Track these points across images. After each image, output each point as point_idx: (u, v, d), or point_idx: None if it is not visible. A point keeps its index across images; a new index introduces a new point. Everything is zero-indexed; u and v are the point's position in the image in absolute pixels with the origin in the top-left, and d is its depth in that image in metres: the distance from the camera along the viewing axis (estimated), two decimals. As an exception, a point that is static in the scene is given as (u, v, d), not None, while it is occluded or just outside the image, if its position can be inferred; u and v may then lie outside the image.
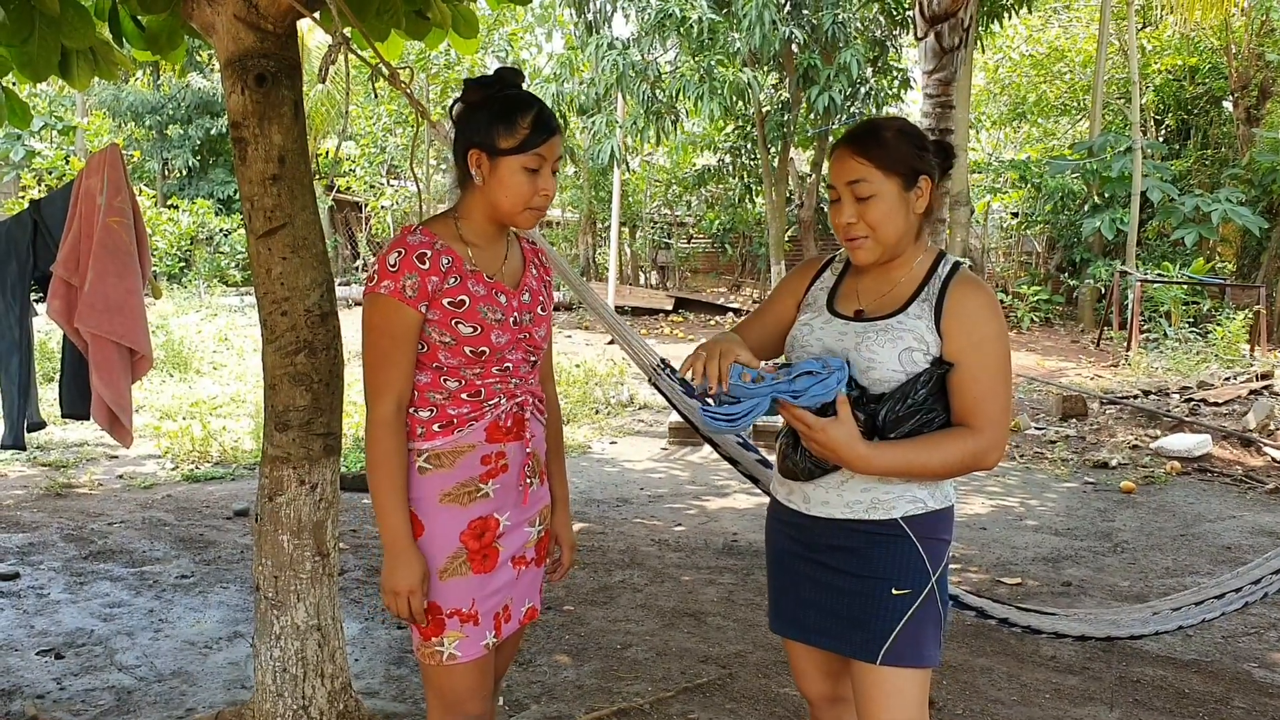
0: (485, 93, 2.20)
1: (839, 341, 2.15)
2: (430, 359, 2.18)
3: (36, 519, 5.91)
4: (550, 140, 2.16)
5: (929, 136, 2.18)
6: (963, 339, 2.07)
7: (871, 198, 2.10)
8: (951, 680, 3.89)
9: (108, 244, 3.43)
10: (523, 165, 2.14)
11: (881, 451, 2.03)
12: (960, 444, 2.05)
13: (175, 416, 9.02)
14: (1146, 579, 5.31)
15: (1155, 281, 14.85)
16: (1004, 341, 2.11)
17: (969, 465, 2.07)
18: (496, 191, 2.16)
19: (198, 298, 16.16)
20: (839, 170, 2.14)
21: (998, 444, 2.07)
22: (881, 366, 2.08)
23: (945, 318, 2.09)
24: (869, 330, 2.13)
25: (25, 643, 4.11)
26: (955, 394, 2.08)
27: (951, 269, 2.16)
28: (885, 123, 2.16)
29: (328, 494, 3.12)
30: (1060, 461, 8.16)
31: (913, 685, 2.12)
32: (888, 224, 2.11)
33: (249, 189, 2.97)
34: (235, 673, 3.86)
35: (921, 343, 2.08)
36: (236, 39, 2.91)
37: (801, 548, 2.23)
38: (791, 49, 16.00)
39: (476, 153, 2.16)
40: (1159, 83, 19.99)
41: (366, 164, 21.66)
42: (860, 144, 2.11)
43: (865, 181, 2.10)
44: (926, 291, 2.13)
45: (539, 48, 23.19)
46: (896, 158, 2.10)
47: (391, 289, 2.12)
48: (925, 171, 2.13)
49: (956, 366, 2.06)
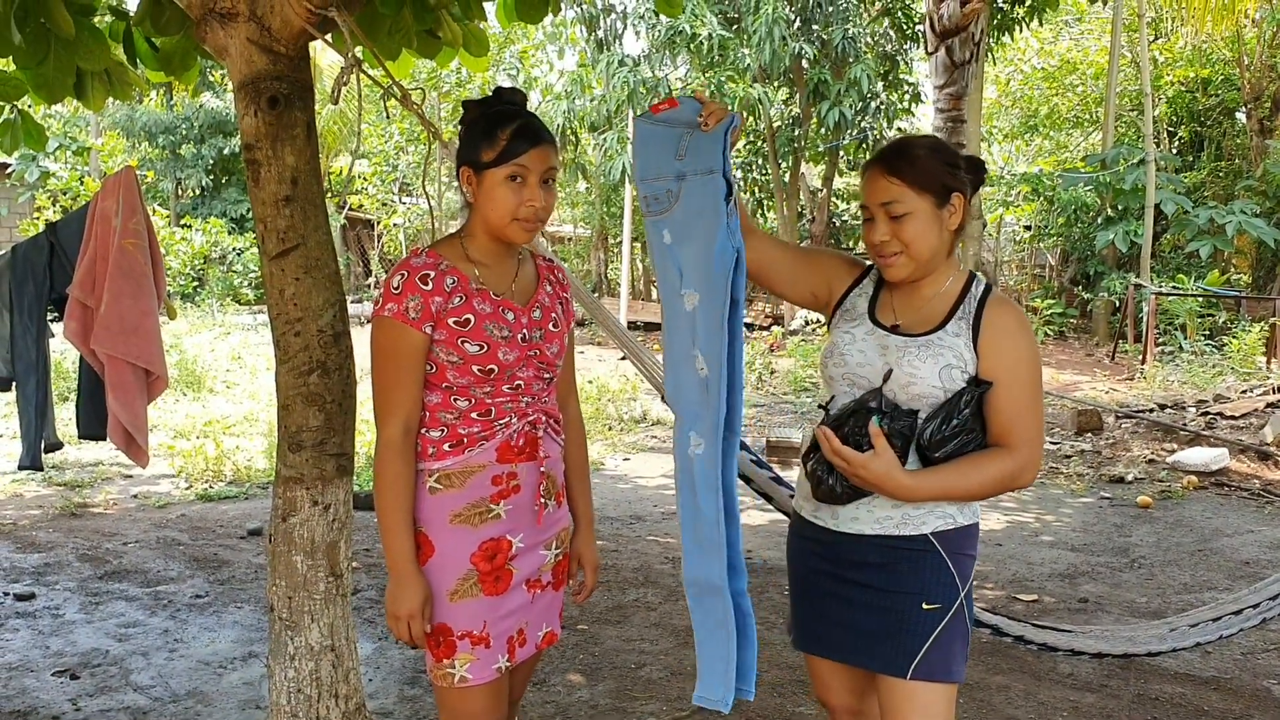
0: (478, 111, 2.22)
1: (881, 355, 2.17)
2: (439, 379, 2.18)
3: (52, 539, 5.93)
4: (532, 150, 2.16)
5: (959, 153, 2.20)
6: (999, 358, 2.10)
7: (905, 215, 2.11)
8: (968, 698, 3.86)
9: (123, 266, 3.45)
10: (505, 176, 2.15)
11: (922, 480, 2.06)
12: (998, 466, 2.07)
13: (189, 436, 9.05)
14: (1164, 595, 5.27)
15: (1170, 294, 14.79)
16: (1037, 362, 2.14)
17: (1006, 486, 2.11)
18: (485, 206, 2.18)
19: (211, 316, 16.22)
20: (872, 190, 2.15)
21: (1033, 462, 2.09)
22: (922, 382, 2.10)
23: (982, 337, 2.11)
24: (910, 345, 2.14)
25: (41, 663, 4.12)
26: (992, 413, 2.09)
27: (985, 289, 2.19)
28: (916, 141, 2.18)
29: (341, 514, 3.12)
30: (1076, 476, 8.12)
31: (941, 700, 2.13)
32: (921, 241, 2.13)
33: (262, 210, 2.98)
34: (250, 693, 3.86)
35: (960, 360, 2.10)
36: (249, 61, 2.92)
37: (828, 564, 2.23)
38: (802, 64, 16.03)
39: (466, 169, 2.20)
40: (1171, 94, 19.95)
41: (379, 182, 21.76)
42: (892, 164, 2.13)
43: (898, 201, 2.11)
44: (963, 310, 2.15)
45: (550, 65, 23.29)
46: (929, 176, 2.11)
47: (395, 311, 2.14)
48: (957, 188, 2.15)
49: (994, 385, 2.08)
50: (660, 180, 2.25)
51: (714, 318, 2.18)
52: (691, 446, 2.23)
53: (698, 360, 2.20)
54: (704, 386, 2.20)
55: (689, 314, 2.21)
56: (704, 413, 2.21)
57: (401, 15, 3.48)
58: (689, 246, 2.22)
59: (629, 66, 16.12)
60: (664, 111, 2.26)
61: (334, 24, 2.95)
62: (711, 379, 2.19)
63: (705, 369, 2.20)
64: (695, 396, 2.22)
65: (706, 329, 2.20)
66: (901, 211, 2.11)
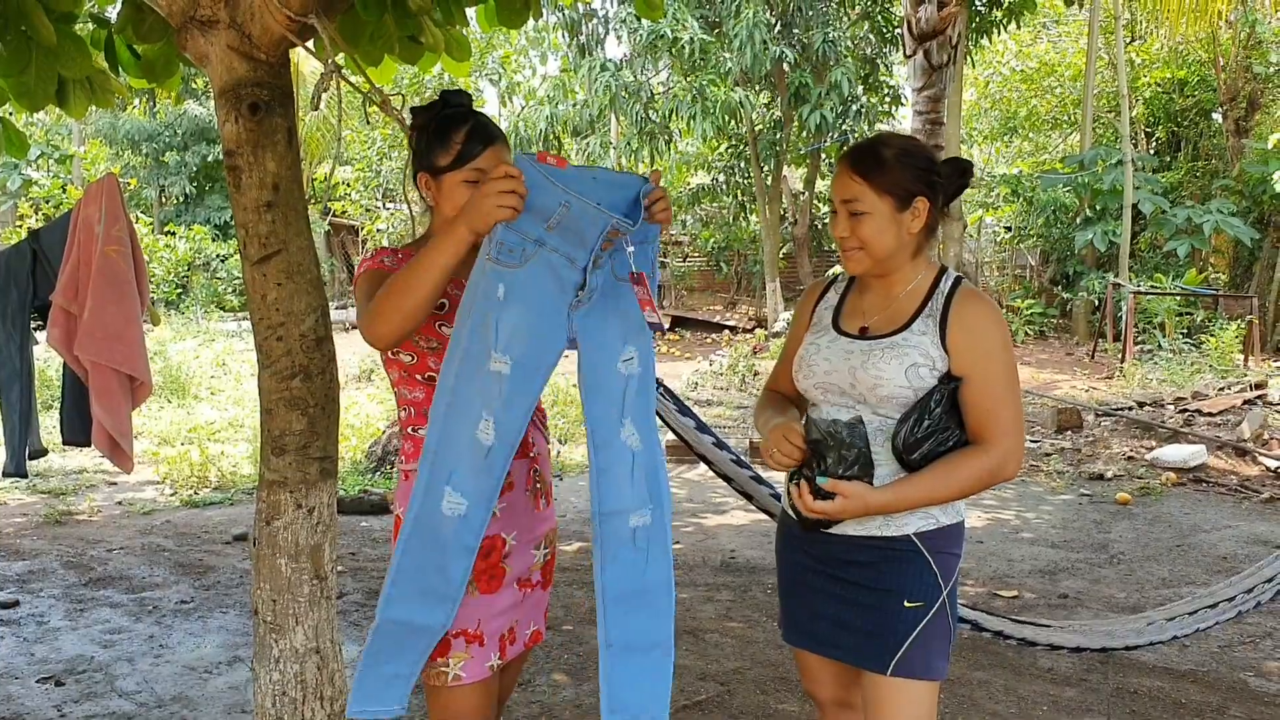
0: (427, 116, 2.25)
1: (845, 360, 2.18)
2: (421, 368, 2.22)
3: (36, 546, 5.92)
4: (486, 151, 2.18)
5: (936, 157, 2.21)
6: (970, 352, 2.10)
7: (863, 215, 2.14)
8: (949, 694, 3.90)
9: (106, 272, 3.46)
10: (462, 180, 2.18)
11: (901, 492, 2.07)
12: (977, 463, 2.08)
13: (174, 442, 9.04)
14: (1143, 590, 5.33)
15: (1148, 293, 14.91)
16: (1009, 351, 2.15)
17: (987, 482, 2.11)
18: (446, 209, 2.20)
19: (195, 323, 16.20)
20: (837, 186, 2.19)
21: (1015, 453, 2.10)
22: (889, 384, 2.11)
23: (950, 332, 2.12)
24: (875, 348, 2.16)
25: (25, 670, 4.12)
26: (967, 408, 2.10)
27: (954, 283, 2.19)
28: (888, 142, 2.19)
29: (325, 517, 3.13)
30: (1056, 474, 8.19)
31: (922, 697, 2.15)
32: (877, 241, 2.15)
33: (243, 216, 3.00)
34: (235, 697, 3.87)
35: (928, 359, 2.11)
36: (230, 68, 2.94)
37: (814, 562, 2.26)
38: (783, 68, 16.10)
39: (424, 175, 2.24)
40: (1148, 96, 20.12)
41: (362, 188, 21.74)
42: (859, 164, 2.15)
43: (858, 201, 2.14)
44: (930, 307, 2.16)
45: (533, 70, 23.32)
46: (892, 180, 2.13)
47: (374, 263, 2.23)
48: (921, 193, 2.15)
49: (966, 380, 2.10)
50: (521, 234, 1.98)
51: (524, 395, 2.05)
52: (446, 503, 2.04)
53: (483, 426, 2.02)
54: (483, 453, 2.03)
55: (493, 376, 2.01)
56: (476, 478, 2.04)
57: (383, 21, 3.50)
58: (518, 312, 2.01)
59: (611, 71, 16.15)
60: (549, 165, 1.97)
61: (314, 31, 2.98)
62: (497, 451, 2.04)
63: (492, 438, 2.03)
64: (467, 458, 2.03)
65: (513, 403, 2.03)
66: (860, 210, 2.14)
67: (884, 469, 2.13)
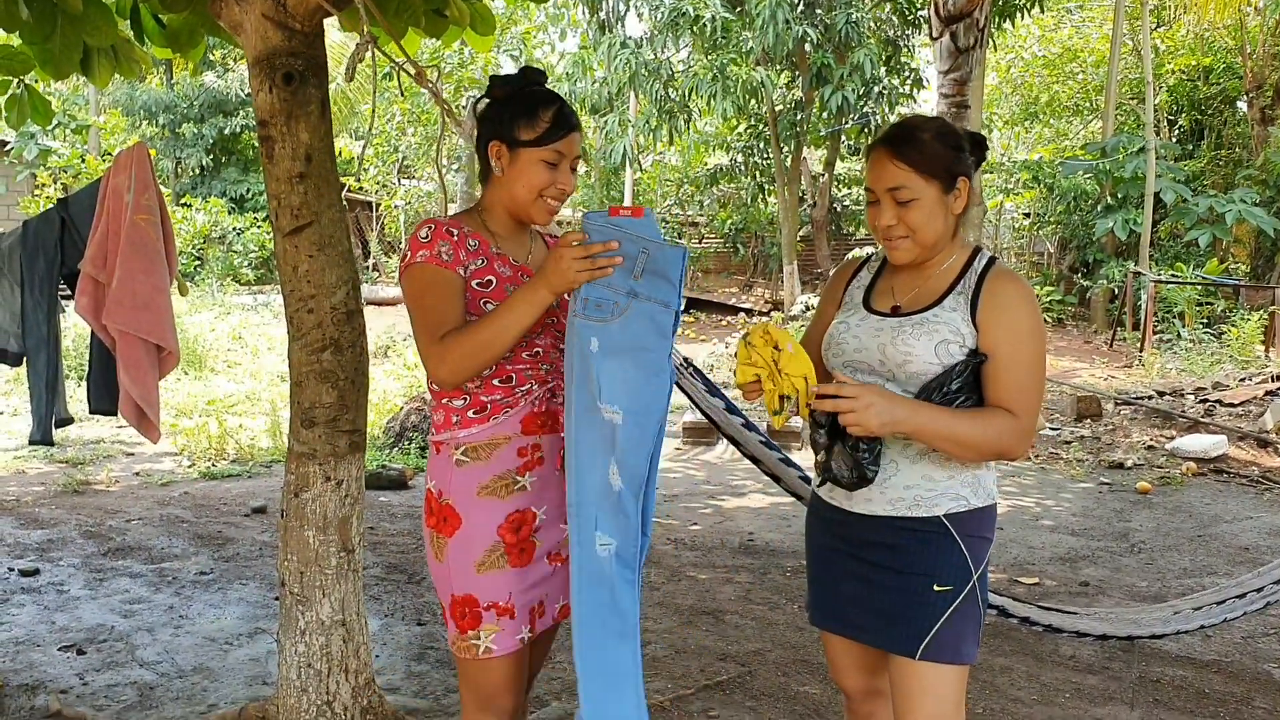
0: (510, 88, 2.25)
1: (875, 337, 2.16)
2: None
3: (55, 515, 5.94)
4: (569, 136, 2.21)
5: (962, 133, 2.18)
6: (998, 330, 2.08)
7: (912, 202, 2.10)
8: (972, 680, 3.88)
9: (135, 241, 3.45)
10: (541, 158, 2.19)
11: (919, 406, 2.03)
12: (998, 421, 2.05)
13: (191, 414, 9.06)
14: (1164, 579, 5.30)
15: (1169, 282, 14.81)
16: (1040, 336, 2.11)
17: (998, 446, 2.06)
18: (515, 182, 2.21)
19: (211, 296, 16.19)
20: (878, 175, 2.13)
21: (1026, 434, 2.07)
22: (918, 360, 2.09)
23: (981, 310, 2.10)
24: (904, 325, 2.14)
25: (47, 638, 4.14)
26: (989, 384, 2.08)
27: (988, 263, 2.17)
28: (922, 124, 2.15)
29: (353, 490, 3.14)
30: (1076, 462, 8.15)
31: (950, 681, 2.13)
32: (927, 227, 2.12)
33: (276, 187, 2.99)
34: (256, 669, 3.88)
35: (957, 335, 2.09)
36: (265, 38, 2.93)
37: (843, 544, 2.23)
38: (804, 48, 15.97)
39: (497, 144, 2.22)
40: (1173, 83, 19.92)
41: (379, 163, 21.70)
42: (899, 148, 2.11)
43: (906, 187, 2.10)
44: (962, 285, 2.14)
45: (552, 47, 23.20)
46: (936, 162, 2.10)
47: (428, 256, 2.16)
48: (963, 172, 2.14)
49: (991, 357, 2.07)
50: (611, 289, 2.09)
51: (642, 442, 2.12)
52: (599, 546, 2.13)
53: (612, 471, 2.11)
54: (615, 496, 2.12)
55: (608, 425, 2.09)
56: (614, 517, 2.13)
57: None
58: (617, 363, 2.09)
59: (631, 48, 16.05)
60: (623, 217, 2.11)
61: (348, 1, 2.95)
62: (626, 494, 2.11)
63: (620, 483, 2.11)
64: (602, 503, 2.12)
65: (631, 448, 2.10)
66: (908, 198, 2.10)
67: (910, 446, 2.11)
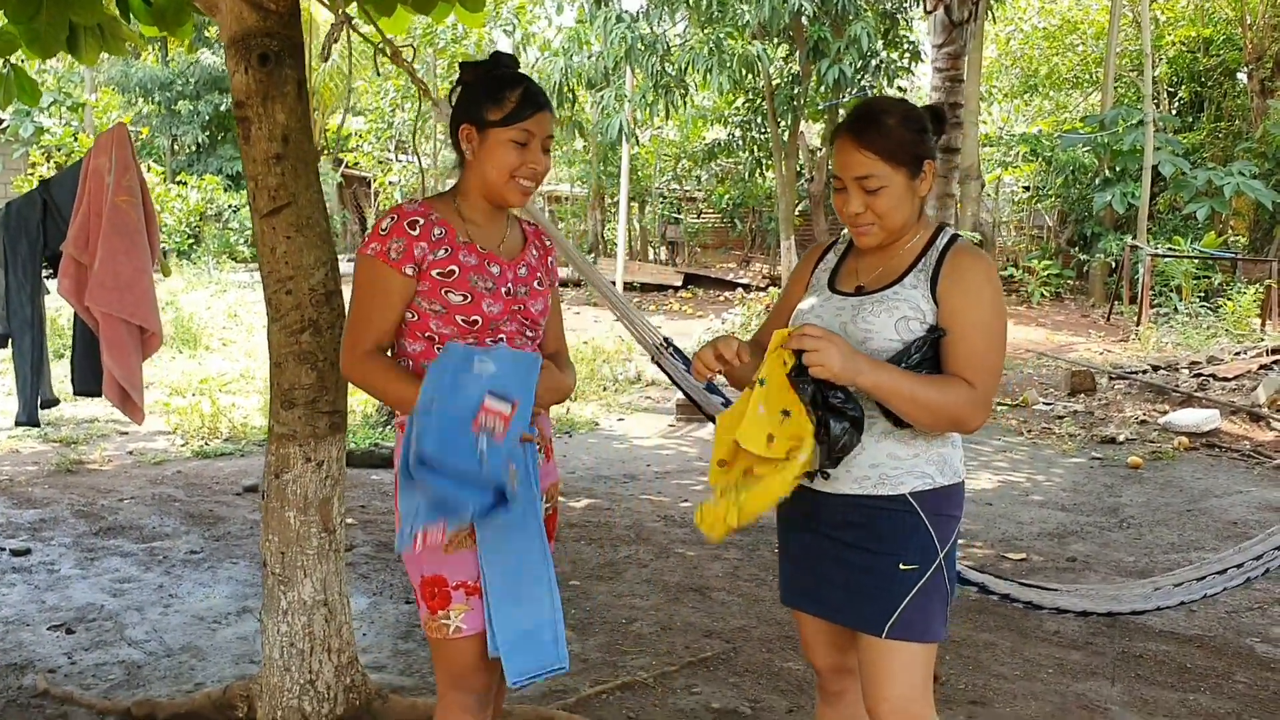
0: (479, 72, 2.26)
1: (836, 316, 2.17)
2: (422, 328, 2.21)
3: (48, 495, 5.96)
4: (537, 115, 2.20)
5: (924, 112, 2.18)
6: (955, 302, 2.09)
7: (880, 189, 2.10)
8: (955, 655, 3.91)
9: (116, 223, 3.45)
10: (509, 138, 2.19)
11: (879, 365, 2.02)
12: (955, 388, 2.04)
13: (185, 393, 9.06)
14: (1152, 555, 5.32)
15: (1166, 256, 14.79)
16: (998, 309, 2.12)
17: (954, 413, 2.05)
18: (485, 164, 2.21)
19: (207, 274, 16.18)
20: (845, 163, 2.12)
21: (982, 404, 2.07)
22: (878, 337, 2.10)
23: (940, 284, 2.11)
24: (865, 303, 2.15)
25: (36, 618, 4.16)
26: (947, 356, 2.08)
27: (950, 240, 2.17)
28: (886, 108, 2.14)
29: (334, 471, 3.14)
30: (1068, 437, 8.17)
31: (918, 659, 2.14)
32: (895, 212, 2.13)
33: (253, 168, 2.99)
34: (244, 647, 3.90)
35: (917, 311, 2.10)
36: (240, 18, 2.92)
37: (811, 522, 2.24)
38: (801, 21, 15.86)
39: (467, 127, 2.23)
40: (1172, 55, 19.84)
41: (374, 139, 21.62)
42: (864, 136, 2.10)
43: (873, 175, 2.10)
44: (923, 262, 2.15)
45: (549, 21, 23.05)
46: (901, 148, 2.10)
47: (377, 251, 2.19)
48: (928, 155, 2.14)
49: (949, 329, 2.08)
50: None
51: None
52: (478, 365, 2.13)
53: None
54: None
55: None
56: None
57: (396, -30, 3.46)
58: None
59: (627, 22, 15.95)
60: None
61: (325, -20, 2.94)
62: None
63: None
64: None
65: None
66: (876, 186, 2.10)
67: (875, 424, 2.11)
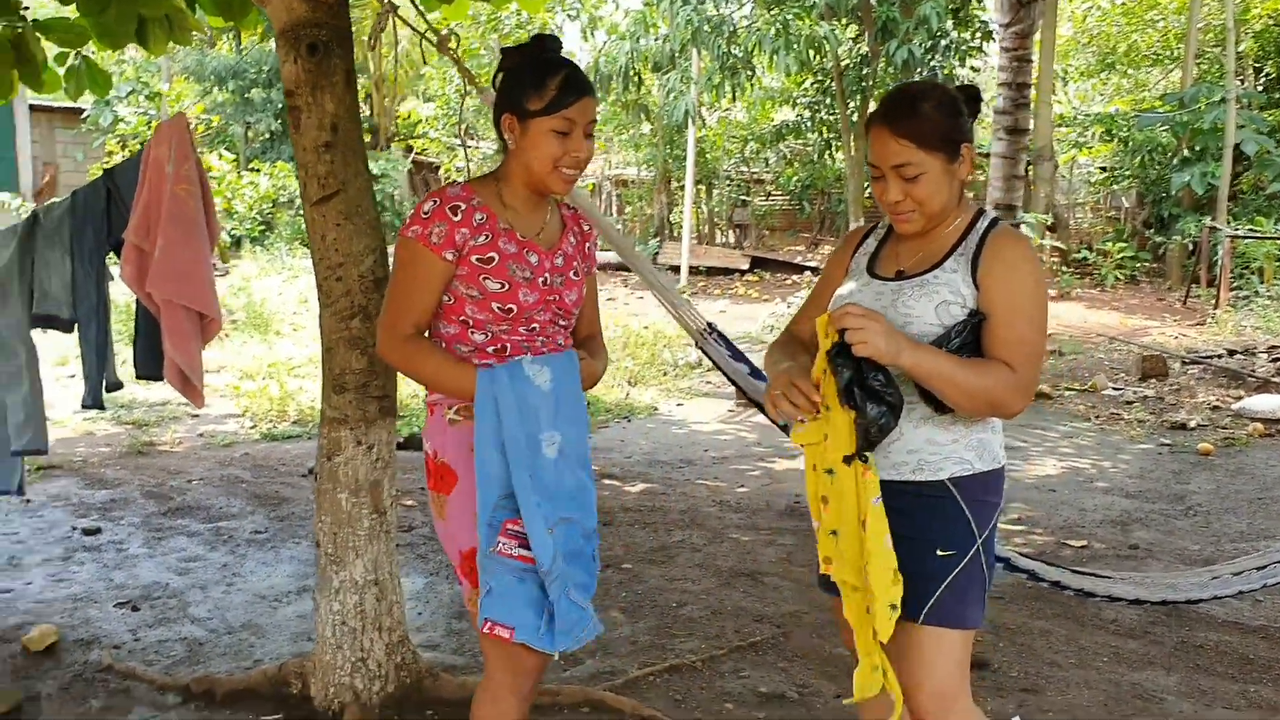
0: (520, 58, 2.24)
1: (876, 301, 2.15)
2: (457, 311, 2.23)
3: (119, 476, 6.14)
4: (579, 102, 2.18)
5: (958, 94, 2.16)
6: (997, 286, 2.07)
7: (918, 176, 2.09)
8: (1009, 642, 3.87)
9: (175, 212, 3.52)
10: (551, 128, 2.17)
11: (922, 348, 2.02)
12: (995, 371, 2.04)
13: (255, 377, 9.25)
14: (1218, 543, 5.20)
15: (1246, 237, 14.37)
16: (1040, 293, 2.11)
17: (993, 397, 2.04)
18: (528, 153, 2.21)
19: (280, 260, 16.43)
20: (881, 152, 2.11)
21: (1023, 389, 2.06)
22: (918, 321, 2.09)
23: (981, 268, 2.09)
24: (905, 288, 2.14)
25: (104, 595, 4.29)
26: (988, 339, 2.07)
27: (990, 223, 2.16)
28: (921, 94, 2.13)
29: (384, 454, 3.21)
30: (1136, 423, 7.99)
31: (954, 645, 2.14)
32: (935, 199, 2.12)
33: (303, 156, 3.05)
34: (303, 625, 3.99)
35: (958, 295, 2.09)
36: (289, 8, 2.97)
37: None
38: (869, 1, 15.69)
39: (509, 117, 2.22)
40: (1259, 28, 19.19)
41: (440, 125, 21.78)
42: (900, 124, 2.09)
43: (910, 163, 2.09)
44: (964, 246, 2.14)
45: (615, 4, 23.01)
46: (937, 133, 2.08)
47: (419, 234, 2.20)
48: (965, 138, 2.13)
49: (990, 313, 2.07)
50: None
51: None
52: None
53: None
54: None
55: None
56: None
57: (453, -44, 3.49)
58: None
59: (693, 4, 15.88)
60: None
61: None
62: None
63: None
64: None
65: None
66: (914, 173, 2.09)
67: (914, 410, 2.10)
